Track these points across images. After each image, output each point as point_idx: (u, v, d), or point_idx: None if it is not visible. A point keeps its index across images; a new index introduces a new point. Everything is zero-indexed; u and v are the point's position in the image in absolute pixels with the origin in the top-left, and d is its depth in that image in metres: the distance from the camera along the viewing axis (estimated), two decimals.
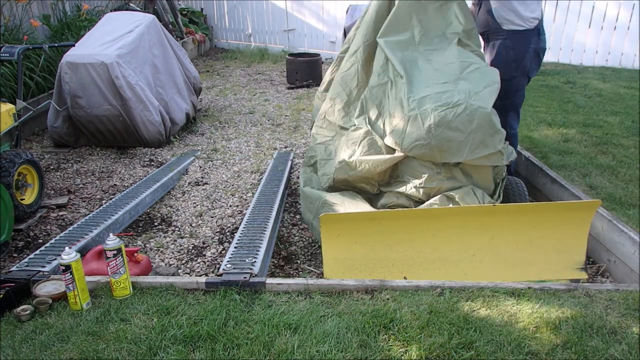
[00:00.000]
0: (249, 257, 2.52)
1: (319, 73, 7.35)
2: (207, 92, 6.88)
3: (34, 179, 3.46)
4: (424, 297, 2.21)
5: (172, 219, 3.48)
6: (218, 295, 2.24)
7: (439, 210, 2.64)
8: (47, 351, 1.92)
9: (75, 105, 4.32)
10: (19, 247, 3.09)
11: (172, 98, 4.97)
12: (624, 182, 3.70)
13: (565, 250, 2.67)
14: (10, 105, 3.47)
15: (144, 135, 4.57)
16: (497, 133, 2.76)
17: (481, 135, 2.72)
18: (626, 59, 8.03)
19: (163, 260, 3.00)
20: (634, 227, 2.81)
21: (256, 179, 4.09)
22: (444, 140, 2.71)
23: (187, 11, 9.71)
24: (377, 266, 2.64)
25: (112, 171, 4.22)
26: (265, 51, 9.64)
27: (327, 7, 9.21)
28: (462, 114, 2.68)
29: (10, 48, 3.65)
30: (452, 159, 2.78)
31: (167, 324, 2.04)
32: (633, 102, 5.90)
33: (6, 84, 4.76)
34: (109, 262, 2.21)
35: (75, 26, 6.29)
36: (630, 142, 4.56)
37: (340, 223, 2.61)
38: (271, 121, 5.69)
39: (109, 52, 4.31)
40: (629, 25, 7.86)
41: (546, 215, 2.64)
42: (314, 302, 2.21)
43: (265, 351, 1.90)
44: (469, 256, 2.64)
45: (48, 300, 2.21)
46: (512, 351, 1.90)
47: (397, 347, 1.92)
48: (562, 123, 5.08)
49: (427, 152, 2.75)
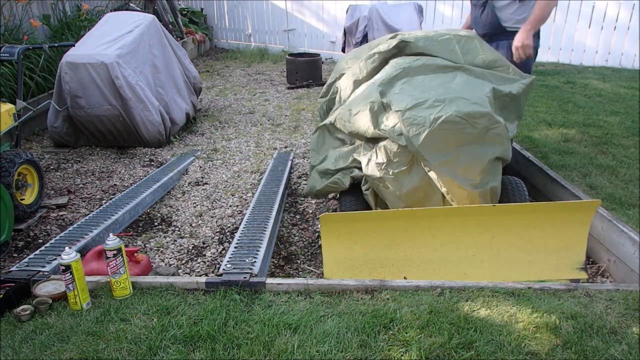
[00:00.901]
0: (249, 257, 2.52)
1: (319, 73, 7.36)
2: (207, 92, 6.88)
3: (34, 179, 3.46)
4: (424, 297, 2.21)
5: (172, 219, 3.48)
6: (218, 295, 2.24)
7: (439, 210, 2.64)
8: (47, 351, 1.92)
9: (75, 105, 4.33)
10: (19, 247, 3.09)
11: (172, 98, 4.98)
12: (624, 182, 3.69)
13: (565, 250, 2.67)
14: (10, 105, 3.46)
15: (144, 135, 4.57)
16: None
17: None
18: (626, 59, 8.03)
19: (163, 260, 3.00)
20: (634, 227, 2.81)
21: (256, 179, 4.09)
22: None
23: (187, 11, 9.71)
24: (377, 266, 2.64)
25: (112, 171, 4.22)
26: (265, 51, 9.64)
27: (327, 7, 9.21)
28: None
29: (10, 48, 3.65)
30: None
31: (167, 324, 2.04)
32: (633, 102, 5.89)
33: (6, 84, 4.76)
34: (109, 262, 2.21)
35: (75, 26, 6.29)
36: (630, 142, 4.55)
37: (340, 223, 2.61)
38: (271, 121, 5.69)
39: (109, 52, 4.31)
40: (629, 25, 7.86)
41: (546, 215, 2.64)
42: (314, 302, 2.21)
43: (265, 351, 1.90)
44: (469, 256, 2.65)
45: (48, 300, 2.21)
46: (512, 351, 1.90)
47: (397, 347, 1.92)
48: (562, 123, 5.08)
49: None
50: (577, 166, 3.95)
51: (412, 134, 2.57)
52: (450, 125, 2.55)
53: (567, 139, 4.62)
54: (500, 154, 2.71)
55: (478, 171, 2.65)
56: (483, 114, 2.58)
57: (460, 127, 2.56)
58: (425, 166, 2.68)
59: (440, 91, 2.75)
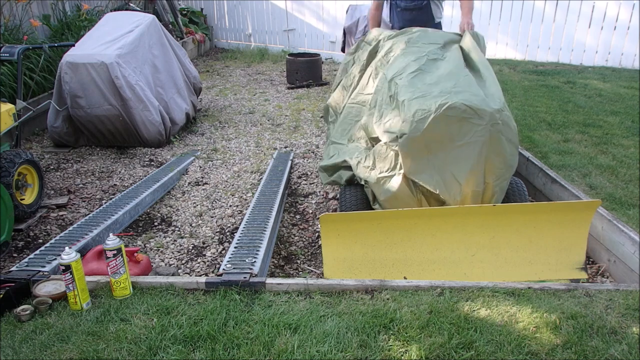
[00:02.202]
0: (249, 257, 2.52)
1: (319, 73, 7.35)
2: (207, 92, 6.88)
3: (34, 179, 3.46)
4: (424, 297, 2.21)
5: (172, 219, 3.48)
6: (218, 295, 2.24)
7: (439, 210, 2.64)
8: (47, 351, 1.92)
9: (75, 105, 4.33)
10: (19, 247, 3.09)
11: (172, 98, 4.97)
12: (624, 182, 3.69)
13: (565, 250, 2.67)
14: (10, 105, 3.47)
15: (144, 135, 4.57)
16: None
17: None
18: (626, 58, 8.02)
19: (163, 260, 3.00)
20: (634, 227, 2.81)
21: (256, 179, 4.09)
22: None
23: (187, 11, 9.71)
24: (377, 266, 2.64)
25: (112, 171, 4.22)
26: (265, 51, 9.64)
27: (327, 7, 9.21)
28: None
29: (10, 48, 3.65)
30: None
31: (167, 324, 2.04)
32: (633, 102, 5.89)
33: (6, 84, 4.76)
34: (109, 262, 2.21)
35: (75, 26, 6.29)
36: (630, 142, 4.55)
37: (340, 223, 2.61)
38: (271, 121, 5.69)
39: (109, 52, 4.31)
40: (629, 25, 7.85)
41: (546, 215, 2.64)
42: (314, 302, 2.21)
43: (265, 351, 1.90)
44: (469, 256, 2.64)
45: (48, 300, 2.21)
46: (512, 351, 1.90)
47: (397, 347, 1.92)
48: (562, 123, 5.08)
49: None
50: (577, 166, 3.95)
51: (418, 118, 2.56)
52: (455, 112, 2.53)
53: (567, 139, 4.62)
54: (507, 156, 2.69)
55: (480, 172, 2.65)
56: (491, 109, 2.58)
57: (466, 116, 2.54)
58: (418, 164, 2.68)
59: (448, 85, 2.75)
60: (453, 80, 2.80)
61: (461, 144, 2.58)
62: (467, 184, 2.62)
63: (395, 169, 2.72)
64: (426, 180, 2.63)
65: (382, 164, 2.79)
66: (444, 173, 2.62)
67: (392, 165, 2.74)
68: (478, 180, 2.63)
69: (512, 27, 8.54)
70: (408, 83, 2.82)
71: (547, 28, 8.35)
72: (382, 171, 2.77)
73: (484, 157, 2.60)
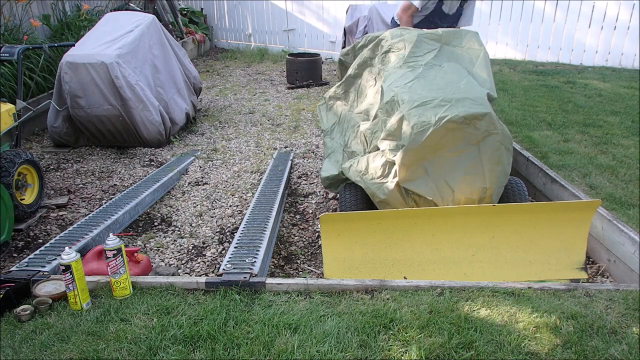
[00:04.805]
0: (249, 257, 2.52)
1: (319, 73, 7.35)
2: (207, 92, 6.88)
3: (34, 179, 3.46)
4: (424, 297, 2.21)
5: (172, 219, 3.48)
6: (218, 295, 2.24)
7: (439, 210, 2.64)
8: (47, 351, 1.92)
9: (75, 105, 4.33)
10: (19, 247, 3.09)
11: (172, 98, 4.98)
12: (624, 182, 3.69)
13: (565, 250, 2.67)
14: (10, 105, 3.47)
15: (144, 135, 4.57)
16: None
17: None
18: (626, 58, 8.03)
19: (163, 260, 3.00)
20: (634, 227, 2.81)
21: (256, 179, 4.09)
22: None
23: (187, 11, 9.71)
24: (377, 266, 2.64)
25: (112, 171, 4.22)
26: (265, 51, 9.64)
27: (327, 7, 9.21)
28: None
29: (10, 48, 3.65)
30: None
31: (167, 324, 2.04)
32: (633, 102, 5.89)
33: (6, 84, 4.76)
34: (109, 262, 2.21)
35: (75, 26, 6.30)
36: (630, 142, 4.55)
37: (340, 223, 2.61)
38: (271, 121, 5.69)
39: (109, 52, 4.31)
40: (629, 25, 7.85)
41: (546, 215, 2.64)
42: (314, 302, 2.21)
43: (265, 351, 1.90)
44: (469, 256, 2.64)
45: (48, 300, 2.21)
46: (512, 351, 1.90)
47: (397, 347, 1.92)
48: (562, 123, 5.08)
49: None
50: (577, 166, 3.95)
51: (417, 130, 2.57)
52: (454, 125, 2.55)
53: (567, 139, 4.62)
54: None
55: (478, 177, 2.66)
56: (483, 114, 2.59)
57: (463, 127, 2.56)
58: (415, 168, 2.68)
59: (447, 91, 2.75)
60: (453, 85, 2.81)
61: (455, 152, 2.60)
62: (460, 190, 2.63)
63: (388, 177, 2.74)
64: (419, 187, 2.65)
65: (374, 171, 2.80)
66: (438, 180, 2.64)
67: (386, 172, 2.75)
68: (472, 187, 2.64)
69: (512, 27, 8.54)
70: (407, 90, 2.83)
71: (547, 28, 8.35)
72: (373, 177, 2.79)
73: (479, 163, 2.62)
